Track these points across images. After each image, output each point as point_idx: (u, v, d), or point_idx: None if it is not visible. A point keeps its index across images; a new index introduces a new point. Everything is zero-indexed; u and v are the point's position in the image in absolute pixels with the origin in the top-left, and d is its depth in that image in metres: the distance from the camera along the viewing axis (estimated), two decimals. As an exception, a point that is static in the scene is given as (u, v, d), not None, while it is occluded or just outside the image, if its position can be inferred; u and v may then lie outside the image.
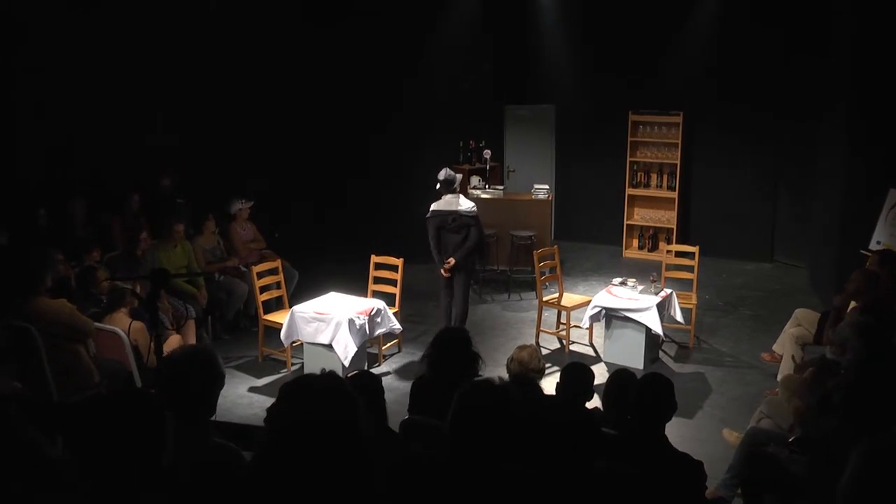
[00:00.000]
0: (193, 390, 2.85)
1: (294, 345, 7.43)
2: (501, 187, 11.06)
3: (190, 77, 9.18)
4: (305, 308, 7.20)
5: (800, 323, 7.10)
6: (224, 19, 9.47)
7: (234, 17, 9.56)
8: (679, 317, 7.71)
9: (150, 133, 8.93)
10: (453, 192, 7.63)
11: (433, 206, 7.65)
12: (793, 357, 6.77)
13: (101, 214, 8.23)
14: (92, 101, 8.31)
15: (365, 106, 10.78)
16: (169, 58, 8.92)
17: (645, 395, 3.81)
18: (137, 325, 6.00)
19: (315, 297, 7.55)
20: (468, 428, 2.57)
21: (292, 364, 7.49)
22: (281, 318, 7.39)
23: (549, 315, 8.58)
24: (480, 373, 4.45)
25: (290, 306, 7.43)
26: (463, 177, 10.28)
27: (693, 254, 8.28)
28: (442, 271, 7.65)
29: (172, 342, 6.40)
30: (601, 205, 11.99)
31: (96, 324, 5.96)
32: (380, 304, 7.35)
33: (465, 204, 7.60)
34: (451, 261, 7.55)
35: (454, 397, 2.64)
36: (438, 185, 7.65)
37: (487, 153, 11.14)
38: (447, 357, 4.35)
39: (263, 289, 7.72)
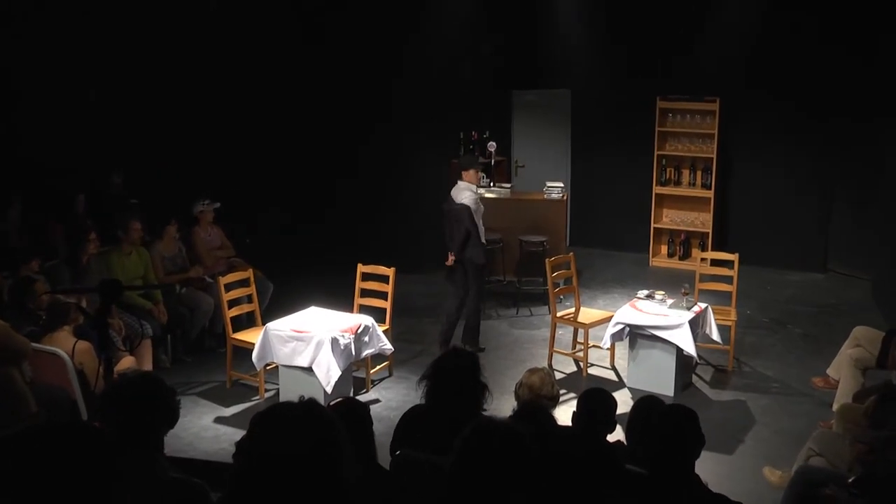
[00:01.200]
0: (141, 421, 2.83)
1: (268, 368, 7.41)
2: (508, 185, 11.06)
3: (157, 69, 9.26)
4: (281, 325, 7.18)
5: (859, 343, 7.07)
6: (203, 13, 9.58)
7: (212, 11, 9.68)
8: (716, 335, 7.69)
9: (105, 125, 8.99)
10: (461, 177, 8.14)
11: (452, 190, 8.24)
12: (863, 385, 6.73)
13: (41, 217, 8.21)
14: (32, 91, 8.35)
15: (353, 95, 10.80)
16: (137, 49, 9.04)
17: (666, 428, 3.80)
18: (83, 345, 5.96)
19: (292, 312, 7.53)
20: (472, 479, 2.55)
21: (266, 391, 7.46)
22: (253, 336, 7.36)
23: (565, 333, 8.56)
24: (485, 406, 4.42)
25: (264, 323, 7.41)
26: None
27: (732, 262, 8.27)
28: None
29: (125, 365, 6.37)
30: (624, 205, 12.00)
31: (34, 344, 5.93)
32: (368, 320, 7.34)
33: (461, 195, 8.04)
34: (451, 256, 8.12)
35: (455, 444, 2.62)
36: None
37: (492, 146, 11.13)
38: (448, 386, 4.31)
39: (232, 303, 7.69)
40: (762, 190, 11.33)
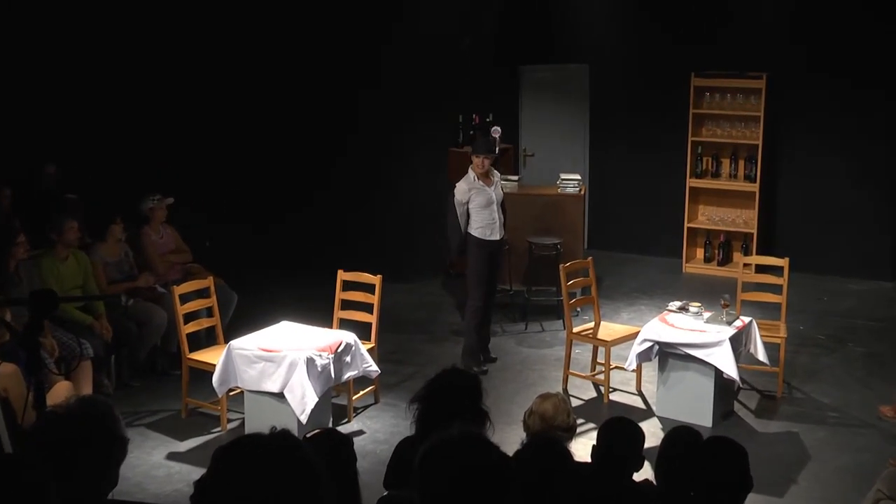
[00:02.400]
0: (83, 458, 2.82)
1: (231, 394, 7.42)
2: (515, 178, 11.05)
3: (104, 44, 9.30)
4: (247, 343, 7.18)
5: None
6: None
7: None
8: (762, 355, 7.70)
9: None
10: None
11: None
12: None
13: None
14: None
15: (334, 77, 10.80)
16: (84, 25, 9.12)
17: (703, 465, 3.80)
18: (8, 368, 5.96)
19: (260, 328, 7.54)
20: None
21: (229, 421, 7.47)
22: (213, 356, 7.37)
23: (582, 352, 8.57)
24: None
25: (227, 341, 7.41)
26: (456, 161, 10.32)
27: (781, 268, 8.29)
28: None
29: (59, 392, 6.35)
30: (653, 202, 12.01)
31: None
32: (349, 337, 7.35)
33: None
34: None
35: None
36: None
37: (496, 131, 11.15)
38: (443, 411, 4.31)
39: (189, 317, 7.70)
40: (817, 183, 11.32)
